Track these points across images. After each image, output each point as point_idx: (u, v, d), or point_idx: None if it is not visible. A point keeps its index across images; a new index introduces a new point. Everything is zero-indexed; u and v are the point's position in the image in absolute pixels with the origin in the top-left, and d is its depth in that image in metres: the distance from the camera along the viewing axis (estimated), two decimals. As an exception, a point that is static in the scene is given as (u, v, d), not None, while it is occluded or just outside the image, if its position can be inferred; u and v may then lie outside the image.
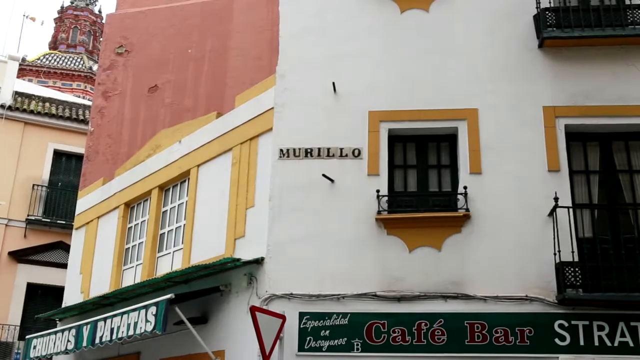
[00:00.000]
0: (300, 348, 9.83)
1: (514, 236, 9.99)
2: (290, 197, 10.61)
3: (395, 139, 10.87)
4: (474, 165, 10.39)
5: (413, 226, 10.18)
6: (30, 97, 24.77)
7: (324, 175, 10.52)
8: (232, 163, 11.73)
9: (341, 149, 10.72)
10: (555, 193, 9.82)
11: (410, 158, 11.00)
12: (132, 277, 13.60)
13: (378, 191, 10.36)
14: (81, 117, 24.43)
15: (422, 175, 10.87)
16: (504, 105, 10.64)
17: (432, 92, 10.81)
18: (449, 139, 10.87)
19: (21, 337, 20.51)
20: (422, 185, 10.82)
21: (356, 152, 10.68)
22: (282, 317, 9.77)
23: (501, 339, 9.54)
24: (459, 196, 10.28)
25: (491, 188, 10.25)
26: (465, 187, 10.25)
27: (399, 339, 9.69)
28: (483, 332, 9.59)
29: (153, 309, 9.99)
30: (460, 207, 10.20)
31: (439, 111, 10.70)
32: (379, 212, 10.26)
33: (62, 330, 12.29)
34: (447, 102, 10.72)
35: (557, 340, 9.49)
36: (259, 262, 10.40)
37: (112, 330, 10.71)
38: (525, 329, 9.56)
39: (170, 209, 13.29)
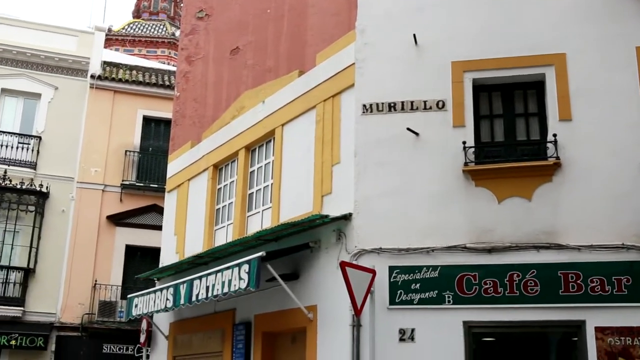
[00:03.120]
0: (392, 301, 9.90)
1: (607, 184, 9.67)
2: (375, 152, 10.60)
3: (480, 88, 10.64)
4: (564, 112, 10.07)
5: (502, 177, 10.00)
6: (117, 66, 25.53)
7: (408, 129, 10.43)
8: (315, 121, 11.78)
9: (425, 102, 10.59)
10: (651, 137, 9.47)
11: (496, 107, 10.75)
12: (223, 236, 13.95)
13: (464, 142, 10.20)
14: (167, 83, 25.04)
15: (509, 124, 10.62)
16: (593, 48, 10.21)
17: (516, 39, 10.48)
18: (536, 86, 10.56)
19: (123, 296, 21.55)
20: (510, 134, 10.58)
21: (440, 104, 10.52)
22: (372, 272, 9.84)
23: (597, 289, 9.32)
24: (549, 144, 10.01)
25: (582, 135, 9.93)
26: (554, 135, 9.97)
27: (490, 290, 9.61)
28: (578, 281, 9.40)
29: (246, 267, 10.25)
30: (551, 156, 9.94)
31: (524, 58, 10.37)
32: (465, 164, 10.12)
33: (161, 289, 12.79)
34: (533, 48, 10.37)
35: (656, 288, 9.21)
36: (346, 217, 10.48)
37: (207, 288, 11.07)
38: (622, 277, 9.29)
39: (258, 168, 13.50)
